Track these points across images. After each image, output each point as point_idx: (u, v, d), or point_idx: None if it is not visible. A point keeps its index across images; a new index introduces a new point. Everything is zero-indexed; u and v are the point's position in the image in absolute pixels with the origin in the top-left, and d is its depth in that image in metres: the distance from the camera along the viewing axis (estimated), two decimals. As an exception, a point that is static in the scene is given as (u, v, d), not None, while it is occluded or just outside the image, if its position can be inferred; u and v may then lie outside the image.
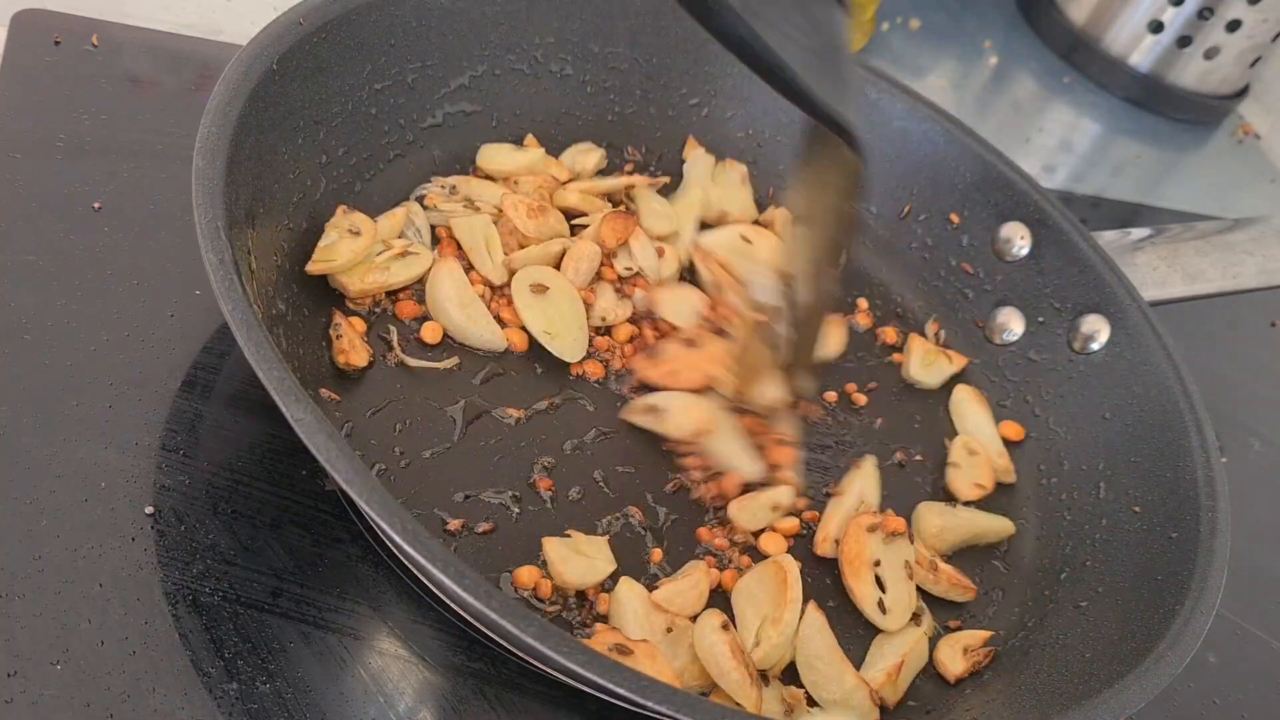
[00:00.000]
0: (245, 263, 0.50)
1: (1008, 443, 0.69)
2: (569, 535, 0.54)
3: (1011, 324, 0.73)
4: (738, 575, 0.56)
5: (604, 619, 0.52)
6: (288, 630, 0.47)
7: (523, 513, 0.55)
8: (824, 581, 0.58)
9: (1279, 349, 0.95)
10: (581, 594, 0.52)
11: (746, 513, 0.58)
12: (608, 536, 0.55)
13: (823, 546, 0.59)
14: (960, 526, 0.62)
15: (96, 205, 0.59)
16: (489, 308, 0.62)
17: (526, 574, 0.52)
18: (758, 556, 0.58)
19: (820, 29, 0.51)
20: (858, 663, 0.55)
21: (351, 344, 0.57)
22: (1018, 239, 0.73)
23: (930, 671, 0.57)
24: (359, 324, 0.58)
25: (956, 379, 0.72)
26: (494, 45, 0.69)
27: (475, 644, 0.50)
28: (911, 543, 0.60)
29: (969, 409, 0.70)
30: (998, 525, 0.64)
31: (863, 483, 0.62)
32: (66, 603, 0.45)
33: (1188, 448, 0.61)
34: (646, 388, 0.63)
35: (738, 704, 0.49)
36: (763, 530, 0.59)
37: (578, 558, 0.53)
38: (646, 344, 0.64)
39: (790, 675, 0.54)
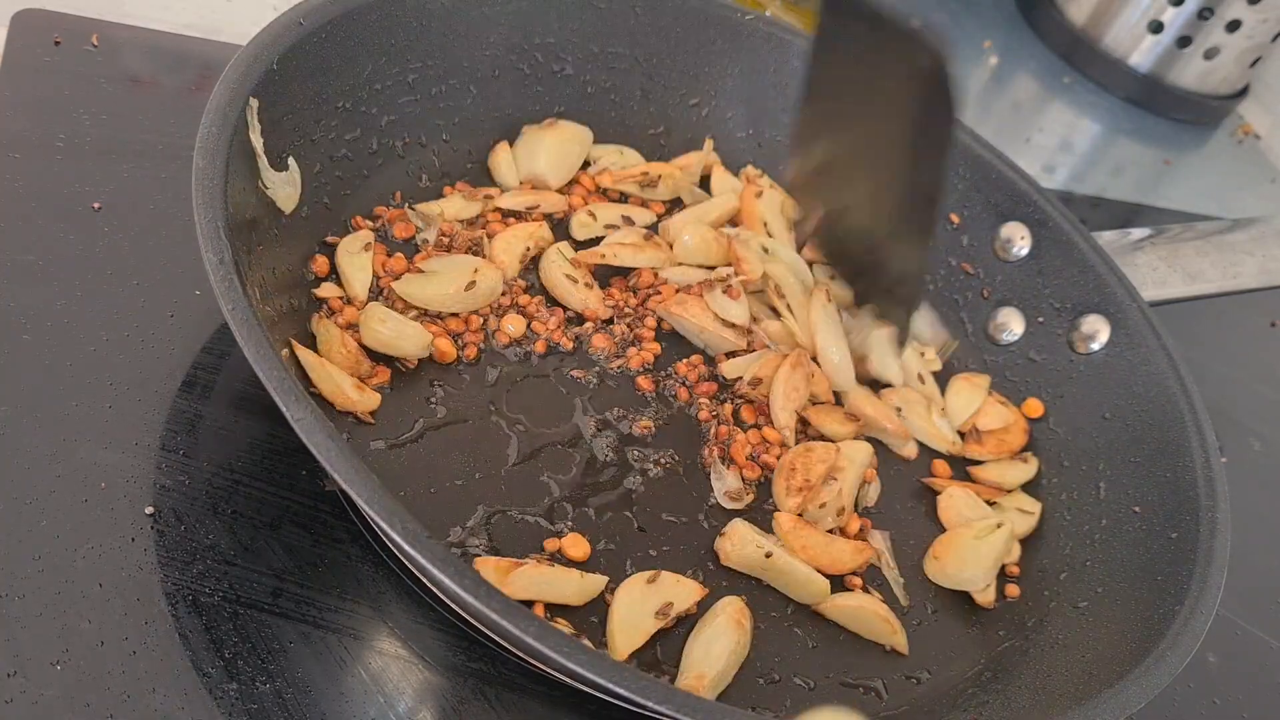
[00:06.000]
0: (245, 262, 0.50)
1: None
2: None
3: (1011, 324, 0.73)
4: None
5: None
6: (288, 630, 0.47)
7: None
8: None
9: (1279, 349, 0.95)
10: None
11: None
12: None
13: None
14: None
15: (96, 205, 0.59)
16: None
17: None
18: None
19: None
20: None
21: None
22: (1018, 239, 0.73)
23: (931, 671, 0.57)
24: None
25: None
26: (494, 45, 0.69)
27: (475, 644, 0.50)
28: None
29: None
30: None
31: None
32: (66, 603, 0.45)
33: (1188, 448, 0.61)
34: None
35: None
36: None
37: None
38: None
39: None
